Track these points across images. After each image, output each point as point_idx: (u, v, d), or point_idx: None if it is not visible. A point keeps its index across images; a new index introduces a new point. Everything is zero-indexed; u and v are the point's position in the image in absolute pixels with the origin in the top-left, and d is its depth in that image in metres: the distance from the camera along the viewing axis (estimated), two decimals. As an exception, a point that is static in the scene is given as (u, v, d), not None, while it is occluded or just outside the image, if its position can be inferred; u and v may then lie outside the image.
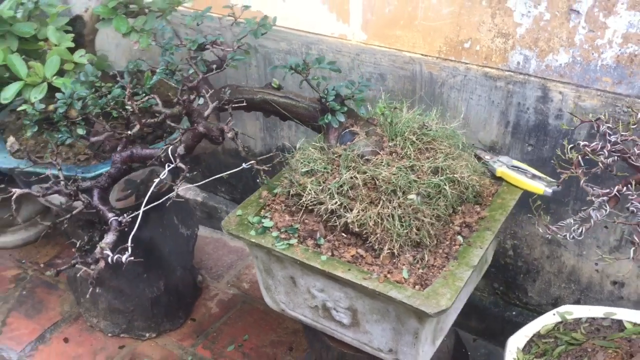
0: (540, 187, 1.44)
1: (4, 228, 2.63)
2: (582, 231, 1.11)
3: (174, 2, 1.78)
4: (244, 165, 1.23)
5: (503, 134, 1.78)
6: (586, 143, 1.12)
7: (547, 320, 1.52)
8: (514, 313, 2.05)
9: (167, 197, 1.24)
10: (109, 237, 1.19)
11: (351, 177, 1.28)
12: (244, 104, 1.34)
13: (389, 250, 1.27)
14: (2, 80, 1.64)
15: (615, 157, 1.11)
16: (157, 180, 1.22)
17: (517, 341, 1.47)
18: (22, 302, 2.39)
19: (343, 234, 1.32)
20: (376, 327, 1.33)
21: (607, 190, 1.05)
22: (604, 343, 1.39)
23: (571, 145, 1.15)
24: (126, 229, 1.19)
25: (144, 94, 1.31)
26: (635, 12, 1.44)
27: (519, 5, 1.59)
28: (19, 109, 1.51)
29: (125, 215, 1.20)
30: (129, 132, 1.22)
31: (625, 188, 1.04)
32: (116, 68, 1.93)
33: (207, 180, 1.39)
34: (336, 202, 1.28)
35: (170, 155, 1.21)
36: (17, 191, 1.24)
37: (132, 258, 1.12)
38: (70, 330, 2.27)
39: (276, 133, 2.27)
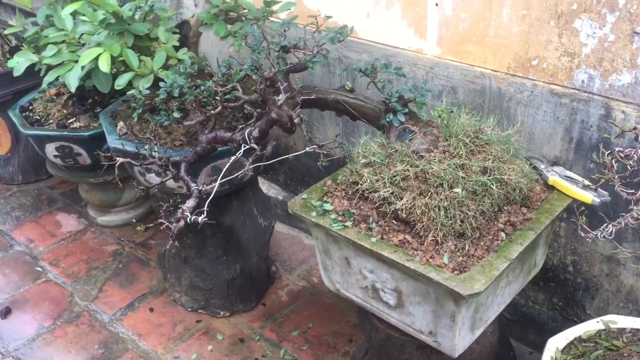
0: (589, 196, 1.50)
1: (108, 209, 2.96)
2: (611, 231, 1.19)
3: (268, 12, 2.00)
4: (307, 149, 1.40)
5: (567, 149, 1.85)
6: (620, 149, 1.20)
7: (590, 326, 1.57)
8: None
9: (242, 171, 1.43)
10: (190, 202, 1.39)
11: (404, 170, 1.42)
12: (313, 96, 1.51)
13: (433, 238, 1.39)
14: (118, 72, 1.92)
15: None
16: (233, 157, 1.41)
17: (557, 342, 1.53)
18: (117, 274, 2.69)
19: (393, 221, 1.46)
20: (418, 308, 1.45)
21: (632, 191, 1.13)
22: (639, 349, 1.43)
23: (608, 151, 1.23)
24: (204, 196, 1.39)
25: (231, 86, 1.52)
26: (697, 35, 1.49)
27: (585, 26, 1.67)
28: (128, 92, 1.77)
29: (204, 185, 1.40)
30: (213, 112, 1.43)
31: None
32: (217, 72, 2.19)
33: (272, 161, 1.57)
34: (388, 191, 1.42)
35: (246, 137, 1.40)
36: (120, 159, 1.47)
37: (206, 219, 1.31)
38: (155, 302, 2.52)
39: (354, 138, 2.43)
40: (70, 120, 2.64)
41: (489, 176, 1.43)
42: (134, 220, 2.84)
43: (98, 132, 2.45)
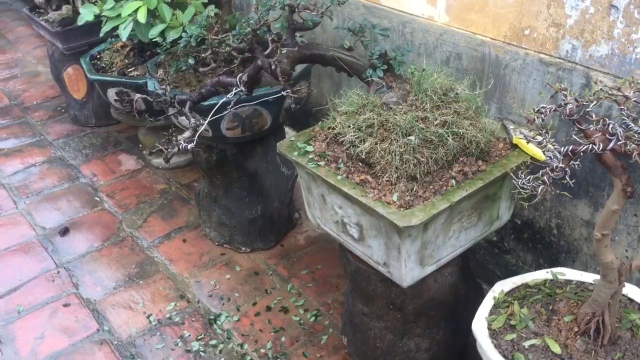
0: (542, 154, 1.63)
1: (161, 152, 3.30)
2: (530, 178, 1.33)
3: (292, -24, 2.20)
4: (282, 93, 1.61)
5: (553, 116, 1.95)
6: (544, 105, 1.33)
7: (538, 275, 1.70)
8: (556, 291, 2.19)
9: (231, 106, 1.66)
10: (187, 134, 1.65)
11: (369, 118, 1.61)
12: (314, 52, 1.71)
13: (388, 179, 1.57)
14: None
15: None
16: (224, 98, 1.64)
17: (503, 285, 1.68)
18: (161, 208, 3.03)
19: (359, 163, 1.65)
20: (375, 242, 1.64)
21: (559, 147, 1.28)
22: (571, 295, 1.56)
23: (537, 108, 1.37)
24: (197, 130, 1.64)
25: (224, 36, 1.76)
26: (665, 10, 1.57)
27: (569, -2, 1.77)
28: (152, 39, 2.05)
29: (200, 120, 1.65)
30: (204, 55, 1.68)
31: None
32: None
33: (255, 96, 1.78)
34: (354, 135, 1.61)
35: (238, 81, 1.64)
36: (137, 95, 1.75)
37: (193, 145, 1.56)
38: (189, 235, 2.84)
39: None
40: (130, 69, 2.97)
41: (446, 129, 1.59)
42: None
43: (150, 79, 2.76)
